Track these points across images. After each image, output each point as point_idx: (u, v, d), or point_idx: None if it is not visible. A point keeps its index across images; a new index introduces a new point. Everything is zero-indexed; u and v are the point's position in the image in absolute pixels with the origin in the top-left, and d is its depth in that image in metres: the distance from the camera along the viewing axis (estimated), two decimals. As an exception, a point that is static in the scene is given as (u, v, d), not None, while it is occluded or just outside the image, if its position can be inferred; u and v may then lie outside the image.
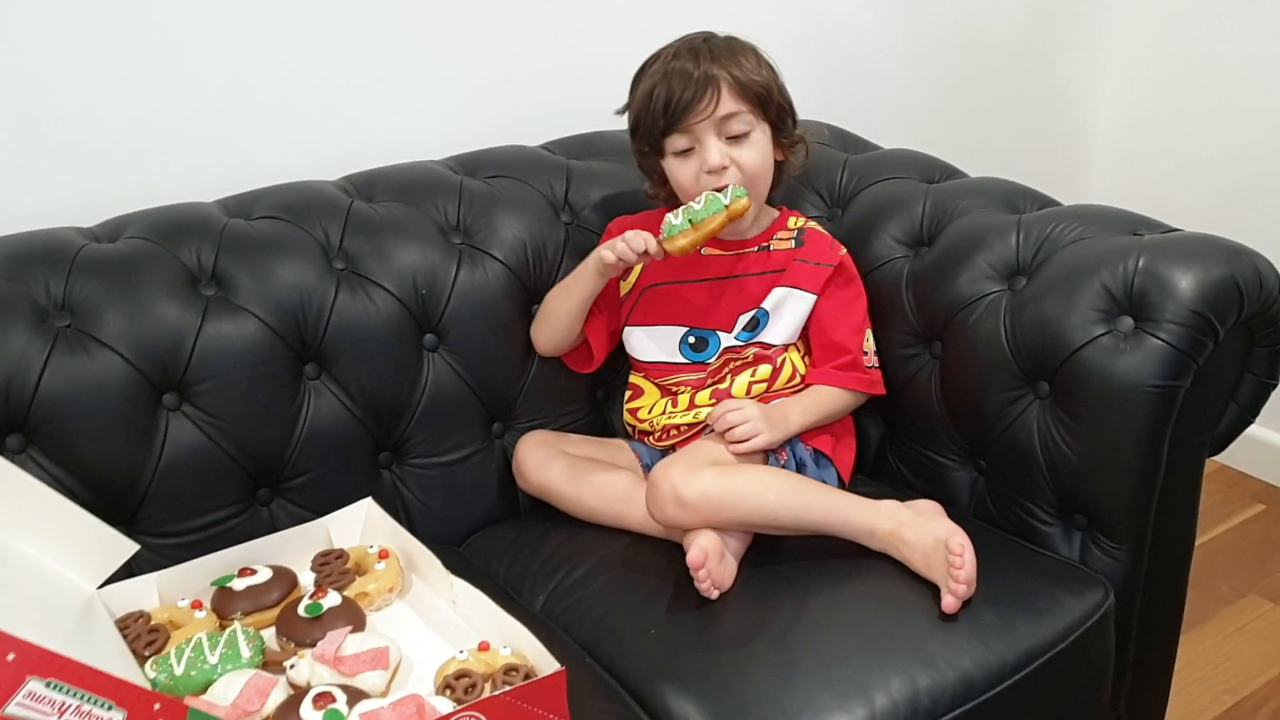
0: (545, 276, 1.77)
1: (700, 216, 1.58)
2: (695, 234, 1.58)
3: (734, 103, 1.61)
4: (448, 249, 1.72)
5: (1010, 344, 1.58)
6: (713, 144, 1.61)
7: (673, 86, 1.60)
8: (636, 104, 1.66)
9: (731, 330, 1.69)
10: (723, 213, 1.59)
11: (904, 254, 1.77)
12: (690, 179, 1.64)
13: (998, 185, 1.80)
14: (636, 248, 1.59)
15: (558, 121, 2.01)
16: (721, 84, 1.60)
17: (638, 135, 1.68)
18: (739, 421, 1.55)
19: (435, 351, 1.70)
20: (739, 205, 1.60)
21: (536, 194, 1.82)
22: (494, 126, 1.99)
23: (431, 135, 1.95)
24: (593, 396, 1.84)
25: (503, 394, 1.75)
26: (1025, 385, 1.58)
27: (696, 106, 1.59)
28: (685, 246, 1.58)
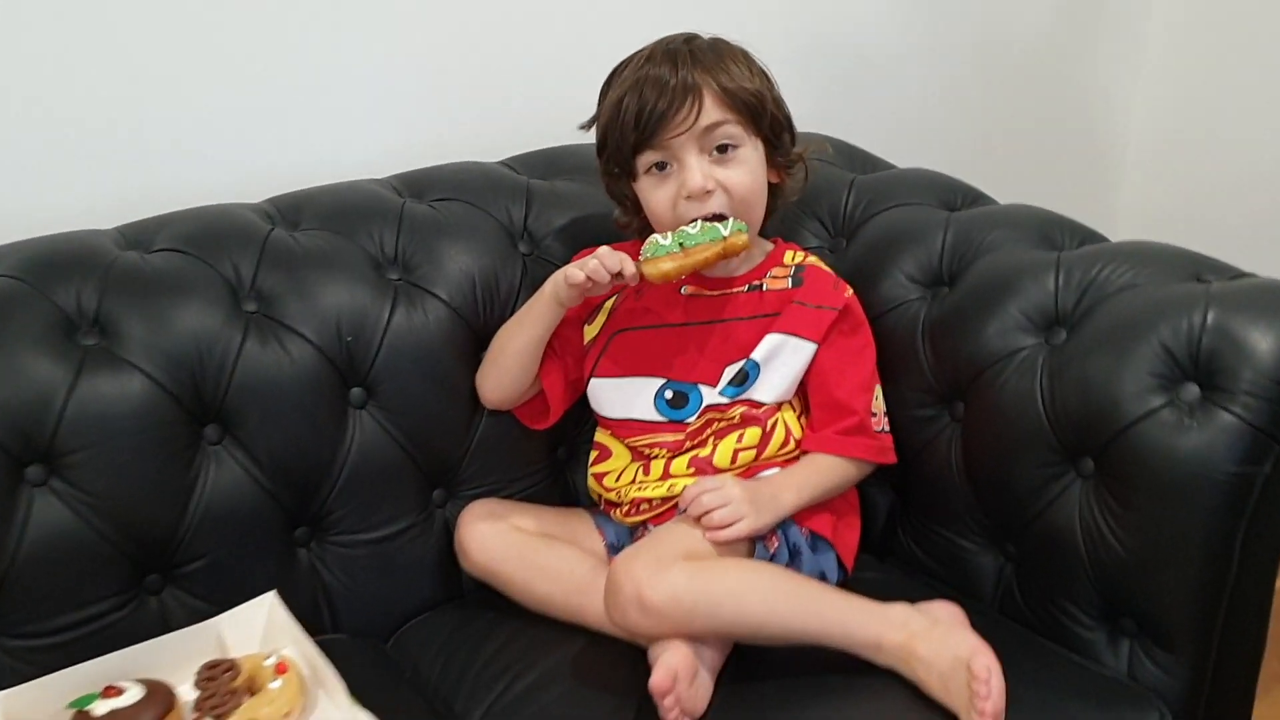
0: (496, 318, 1.51)
1: (693, 241, 1.32)
2: (683, 260, 1.33)
3: (719, 112, 1.35)
4: (381, 286, 1.46)
5: (1048, 411, 1.32)
6: (694, 162, 1.35)
7: (646, 95, 1.34)
8: (604, 116, 1.40)
9: (716, 384, 1.43)
10: (719, 244, 1.33)
11: (920, 295, 1.50)
12: (666, 204, 1.38)
13: (1031, 215, 1.53)
14: (611, 267, 1.33)
15: (522, 134, 1.74)
16: (704, 92, 1.34)
17: (605, 153, 1.42)
18: (716, 505, 1.29)
19: (363, 408, 1.44)
20: (737, 241, 1.34)
21: (490, 220, 1.56)
22: (449, 140, 1.73)
23: (375, 150, 1.69)
24: (552, 456, 1.58)
25: (444, 456, 1.49)
26: (1065, 461, 1.32)
27: (674, 117, 1.34)
28: (669, 273, 1.33)
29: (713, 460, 1.41)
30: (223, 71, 1.58)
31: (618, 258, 1.34)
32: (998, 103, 2.38)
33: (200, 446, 1.35)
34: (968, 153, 2.22)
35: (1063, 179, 2.46)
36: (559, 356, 1.46)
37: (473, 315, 1.49)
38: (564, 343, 1.46)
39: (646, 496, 1.42)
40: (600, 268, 1.33)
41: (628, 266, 1.34)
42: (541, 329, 1.42)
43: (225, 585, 1.35)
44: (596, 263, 1.33)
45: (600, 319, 1.48)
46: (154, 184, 1.53)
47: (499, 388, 1.46)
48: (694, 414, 1.43)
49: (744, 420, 1.42)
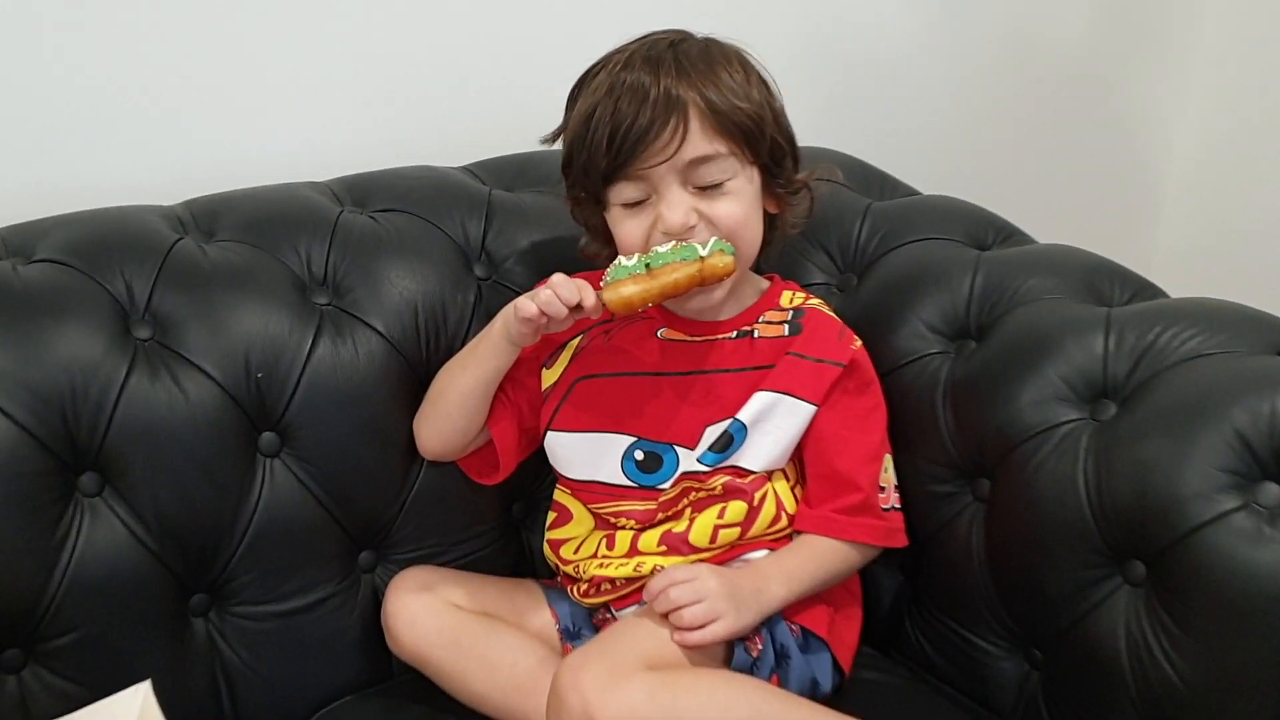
0: (442, 353, 1.28)
1: (663, 260, 1.11)
2: (649, 283, 1.11)
3: (707, 140, 1.13)
4: (304, 312, 1.23)
5: (1092, 502, 1.09)
6: (676, 197, 1.13)
7: (621, 110, 1.12)
8: (571, 130, 1.18)
9: (695, 446, 1.20)
10: (694, 264, 1.11)
11: (942, 349, 1.27)
12: (638, 239, 1.17)
13: (1074, 259, 1.30)
14: (567, 298, 1.11)
15: (491, 136, 1.51)
16: (690, 112, 1.12)
17: (571, 173, 1.19)
18: (688, 601, 1.06)
19: (275, 457, 1.21)
20: (717, 263, 1.12)
21: (441, 236, 1.33)
22: (406, 138, 1.51)
23: (317, 148, 1.47)
24: (505, 514, 1.35)
25: (373, 515, 1.26)
26: (1111, 564, 1.09)
27: (653, 144, 1.11)
28: (633, 299, 1.11)
29: (689, 538, 1.18)
30: (135, 48, 1.35)
31: (574, 286, 1.12)
32: (1023, 117, 2.14)
33: (73, 500, 1.13)
34: (986, 172, 2.01)
35: (1093, 209, 2.24)
36: (512, 402, 1.23)
37: (413, 350, 1.26)
38: (517, 387, 1.23)
39: (609, 575, 1.20)
40: (554, 299, 1.11)
41: (587, 296, 1.11)
42: (490, 370, 1.19)
43: (101, 664, 1.13)
44: (549, 293, 1.11)
45: (562, 362, 1.25)
46: (43, 181, 1.30)
47: (439, 435, 1.23)
48: (668, 480, 1.20)
49: (727, 492, 1.19)
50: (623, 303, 1.10)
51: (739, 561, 1.18)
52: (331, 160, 1.43)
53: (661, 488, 1.21)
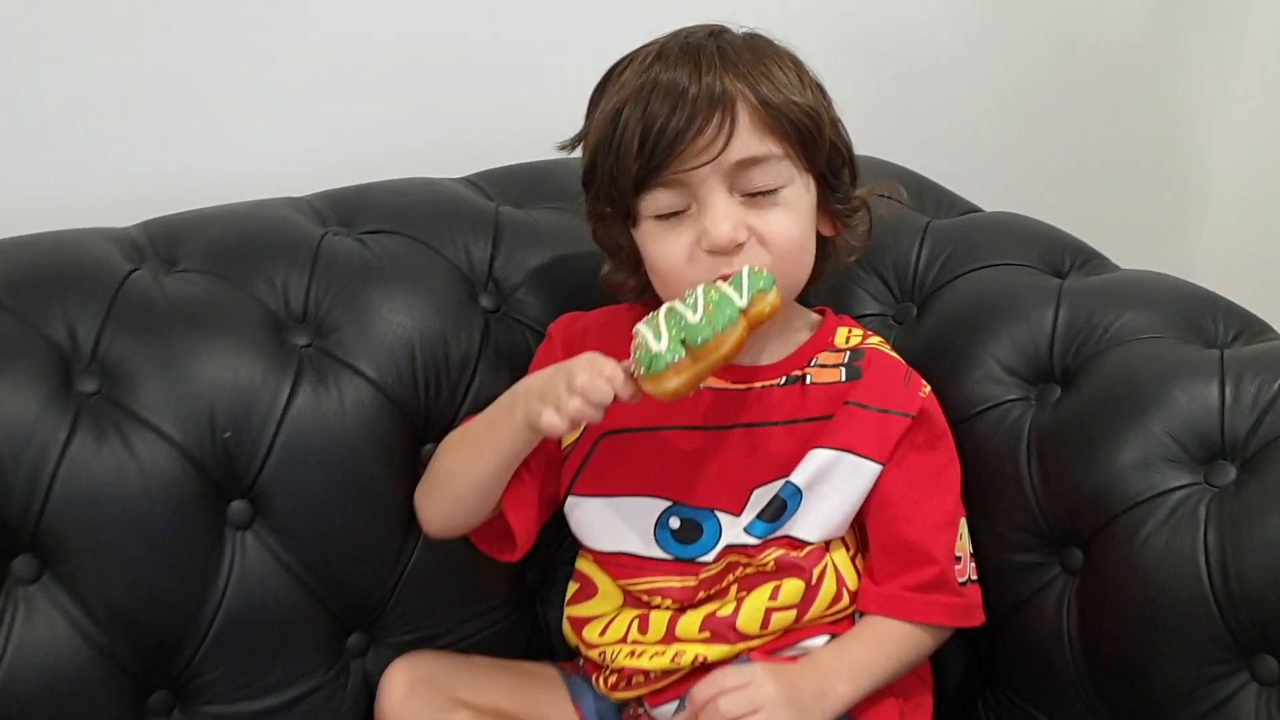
0: (443, 402, 1.10)
1: (700, 336, 0.90)
2: (694, 369, 0.90)
3: (758, 139, 0.95)
4: (280, 356, 1.05)
5: (1215, 585, 0.93)
6: (722, 205, 0.95)
7: (655, 107, 0.94)
8: (594, 134, 1.00)
9: (740, 512, 1.03)
10: (739, 326, 0.91)
11: (1022, 395, 1.10)
12: (677, 259, 0.98)
13: (1169, 288, 1.14)
14: (598, 399, 0.91)
15: (495, 143, 1.33)
16: (738, 106, 0.94)
17: (594, 185, 1.01)
18: (741, 714, 0.89)
19: (247, 530, 1.04)
20: (764, 309, 0.93)
21: (441, 262, 1.15)
22: (394, 147, 1.33)
23: (294, 159, 1.28)
24: (517, 585, 1.17)
25: (364, 592, 1.09)
26: (1237, 658, 0.94)
27: (694, 140, 0.94)
28: (681, 389, 0.91)
29: (736, 623, 1.02)
30: (83, 43, 1.16)
31: (604, 381, 0.91)
32: (1066, 119, 1.98)
33: (2, 590, 0.94)
34: (1025, 176, 1.85)
35: (1136, 214, 2.08)
36: (530, 473, 1.05)
37: (409, 398, 1.08)
38: (536, 452, 1.05)
39: (642, 667, 1.02)
40: (586, 408, 0.91)
41: (623, 388, 0.92)
42: (509, 457, 1.00)
43: (41, 778, 0.95)
44: (579, 403, 0.91)
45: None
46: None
47: (448, 519, 1.06)
48: (709, 552, 1.03)
49: (780, 569, 1.02)
50: (673, 396, 0.91)
51: (795, 649, 1.01)
52: (313, 172, 1.24)
53: (702, 560, 1.03)
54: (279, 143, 1.28)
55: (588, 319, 1.10)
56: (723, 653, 1.01)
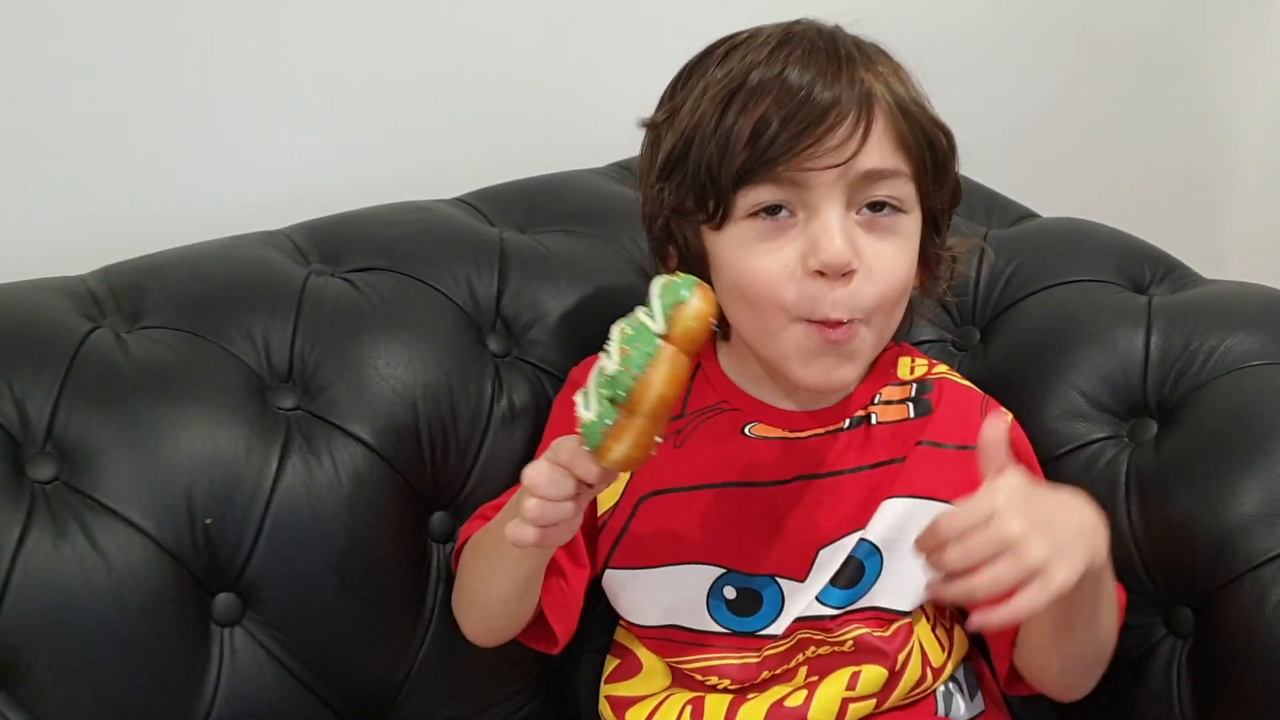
0: (451, 465, 0.97)
1: (623, 387, 0.72)
2: (632, 425, 0.72)
3: (891, 150, 0.82)
4: (264, 422, 0.91)
5: (1366, 658, 0.79)
6: (836, 217, 0.81)
7: (787, 94, 0.79)
8: (690, 115, 0.83)
9: (804, 577, 0.89)
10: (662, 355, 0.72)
11: (1113, 433, 0.97)
12: (779, 274, 0.82)
13: (1272, 303, 1.00)
14: (558, 492, 0.75)
15: (488, 162, 1.19)
16: (876, 107, 0.80)
17: (676, 174, 0.85)
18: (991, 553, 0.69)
19: (235, 626, 0.89)
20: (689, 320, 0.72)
21: (441, 301, 1.01)
22: (379, 169, 1.18)
23: (269, 185, 1.13)
24: (542, 662, 1.03)
25: (371, 686, 0.95)
26: (1395, 741, 0.80)
27: (825, 137, 0.79)
28: (632, 455, 0.73)
29: (807, 715, 0.88)
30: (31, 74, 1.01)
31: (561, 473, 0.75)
32: (1090, 99, 1.85)
33: (-51, 717, 0.80)
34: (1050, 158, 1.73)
35: (1159, 198, 1.95)
36: (568, 557, 0.91)
37: (413, 464, 0.94)
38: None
39: (699, 763, 0.89)
40: (544, 505, 0.75)
41: (585, 470, 0.74)
42: (523, 574, 0.85)
43: None
44: (535, 505, 0.75)
45: (622, 478, 0.92)
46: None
47: (485, 634, 0.93)
48: (771, 623, 0.90)
49: (860, 650, 0.88)
50: (627, 466, 0.74)
51: None
52: (290, 199, 1.10)
53: (765, 634, 0.90)
54: (245, 169, 1.13)
55: None
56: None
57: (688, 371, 0.73)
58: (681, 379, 0.72)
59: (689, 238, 0.87)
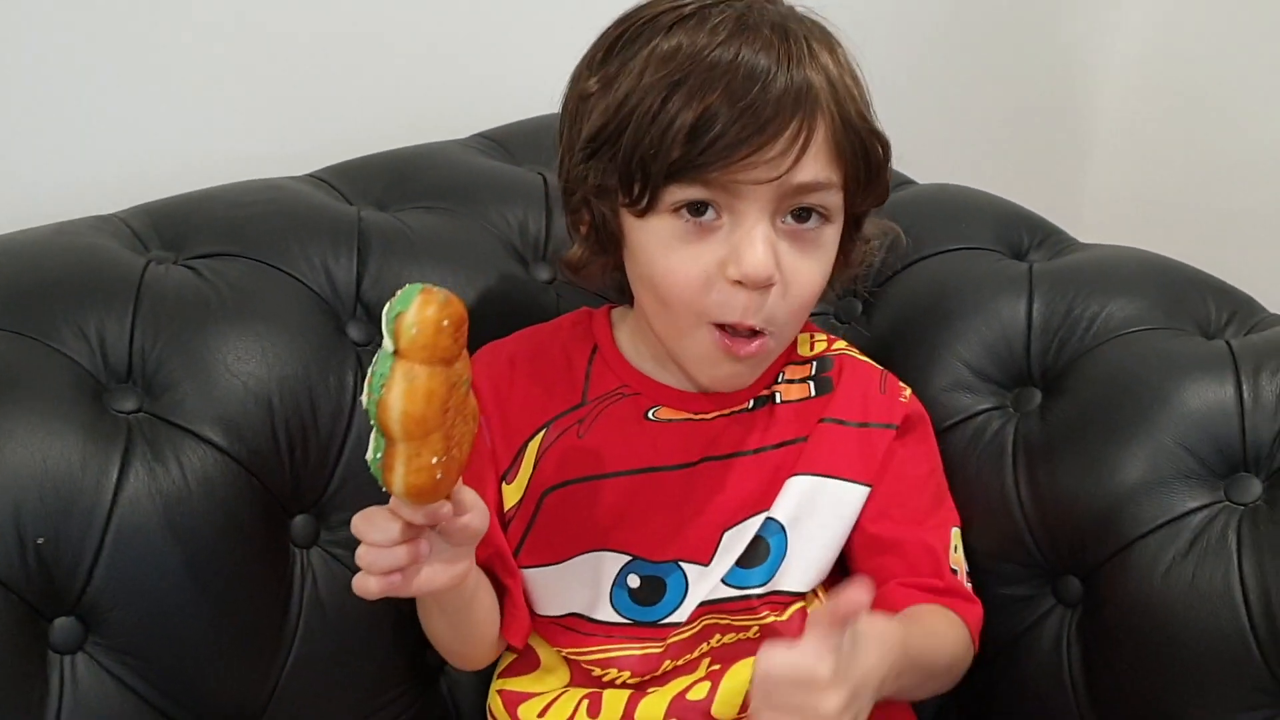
0: (312, 465, 0.90)
1: (372, 413, 0.67)
2: (395, 451, 0.66)
3: (825, 161, 0.78)
4: (101, 429, 0.83)
5: (1256, 623, 0.81)
6: (763, 231, 0.78)
7: (733, 92, 0.75)
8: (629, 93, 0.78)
9: (709, 561, 0.86)
10: (395, 372, 0.65)
11: (998, 404, 0.96)
12: (694, 283, 0.79)
13: (1151, 268, 1.01)
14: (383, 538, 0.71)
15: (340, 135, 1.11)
16: (819, 116, 0.77)
17: (605, 155, 0.80)
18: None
19: (76, 653, 0.81)
20: (411, 330, 0.65)
21: (296, 288, 0.94)
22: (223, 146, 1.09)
23: (102, 166, 1.03)
24: (415, 668, 0.97)
25: (234, 707, 0.88)
26: None
27: (763, 149, 0.75)
28: (418, 483, 0.67)
29: (710, 708, 0.85)
30: None
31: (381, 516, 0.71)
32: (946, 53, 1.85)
33: None
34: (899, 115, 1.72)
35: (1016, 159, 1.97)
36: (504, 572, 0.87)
37: (271, 467, 0.87)
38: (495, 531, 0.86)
39: (597, 762, 0.85)
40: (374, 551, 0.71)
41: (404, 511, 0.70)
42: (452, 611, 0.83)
43: None
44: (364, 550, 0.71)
45: (524, 473, 0.88)
46: None
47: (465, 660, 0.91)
48: (675, 611, 0.86)
49: (767, 638, 0.85)
50: (417, 496, 0.68)
51: None
52: (123, 180, 1.01)
53: (668, 623, 0.86)
54: (71, 146, 1.03)
55: (510, 348, 0.91)
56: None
57: (439, 381, 0.66)
58: (423, 391, 0.65)
59: (607, 216, 0.83)
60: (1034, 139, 2.05)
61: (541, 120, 1.19)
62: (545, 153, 1.09)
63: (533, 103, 1.19)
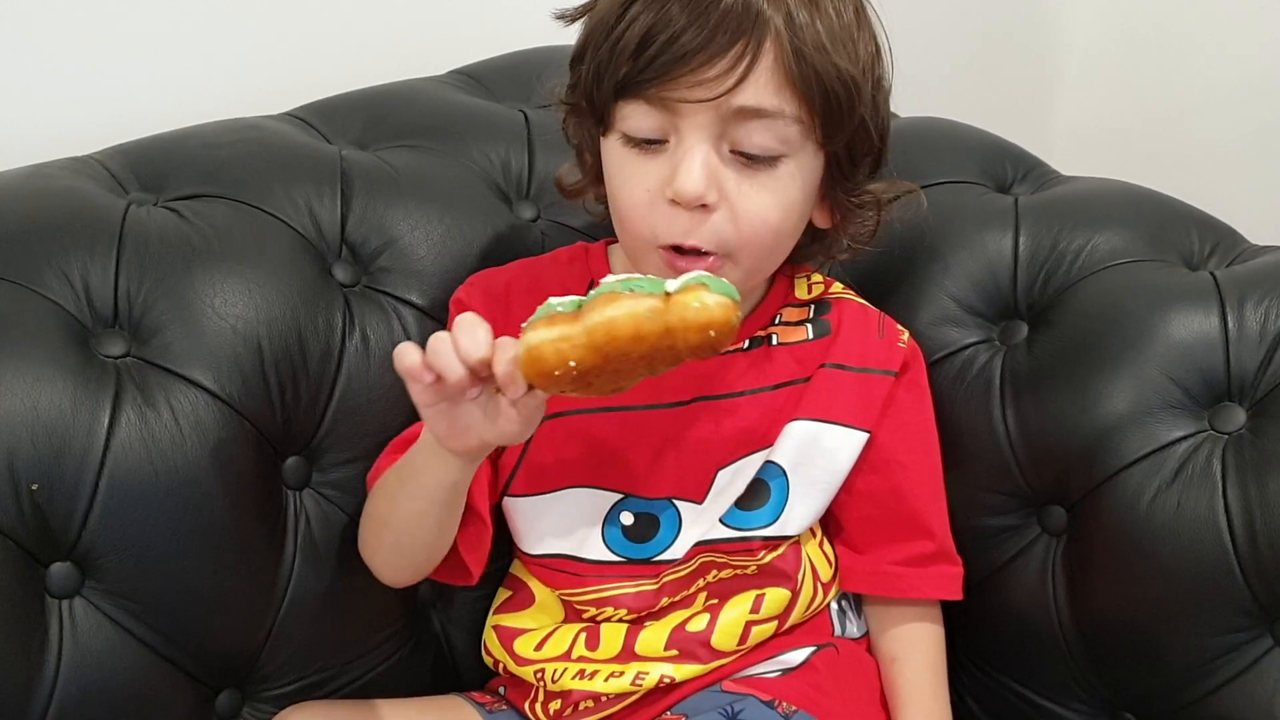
0: (304, 406, 0.90)
1: (598, 291, 0.68)
2: (569, 327, 0.67)
3: (774, 90, 0.77)
4: (90, 373, 0.82)
5: (1240, 549, 0.83)
6: (701, 153, 0.77)
7: (670, 8, 0.75)
8: (598, 11, 0.80)
9: (703, 499, 0.87)
10: (644, 301, 0.66)
11: (984, 337, 0.96)
12: (637, 201, 0.81)
13: (1136, 200, 1.01)
14: (467, 351, 0.69)
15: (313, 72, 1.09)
16: (766, 41, 0.76)
17: (580, 69, 0.82)
18: None
19: (74, 598, 0.81)
20: (693, 302, 0.66)
21: (280, 229, 0.93)
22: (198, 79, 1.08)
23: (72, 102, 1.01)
24: (409, 607, 0.98)
25: (231, 647, 0.88)
26: (1261, 626, 0.84)
27: (701, 67, 0.75)
28: (543, 351, 0.67)
29: (710, 639, 0.86)
30: None
31: (482, 333, 0.69)
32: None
33: None
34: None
35: (985, 92, 1.96)
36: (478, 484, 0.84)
37: (261, 408, 0.87)
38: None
39: (595, 690, 0.86)
40: (446, 350, 0.69)
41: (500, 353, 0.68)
42: (435, 491, 0.78)
43: None
44: (442, 340, 0.70)
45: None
46: None
47: (397, 570, 0.86)
48: (668, 548, 0.87)
49: (763, 574, 0.87)
50: (531, 358, 0.67)
51: (773, 664, 0.87)
52: (98, 119, 0.99)
53: (663, 559, 0.87)
54: (42, 88, 1.01)
55: (506, 276, 0.91)
56: (692, 672, 0.86)
57: (653, 337, 0.66)
58: (635, 333, 0.66)
59: (588, 135, 0.85)
60: (1003, 71, 2.05)
61: (519, 55, 1.18)
62: (524, 89, 1.09)
63: (505, 39, 1.18)
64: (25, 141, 0.95)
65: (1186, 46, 1.99)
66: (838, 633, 0.91)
